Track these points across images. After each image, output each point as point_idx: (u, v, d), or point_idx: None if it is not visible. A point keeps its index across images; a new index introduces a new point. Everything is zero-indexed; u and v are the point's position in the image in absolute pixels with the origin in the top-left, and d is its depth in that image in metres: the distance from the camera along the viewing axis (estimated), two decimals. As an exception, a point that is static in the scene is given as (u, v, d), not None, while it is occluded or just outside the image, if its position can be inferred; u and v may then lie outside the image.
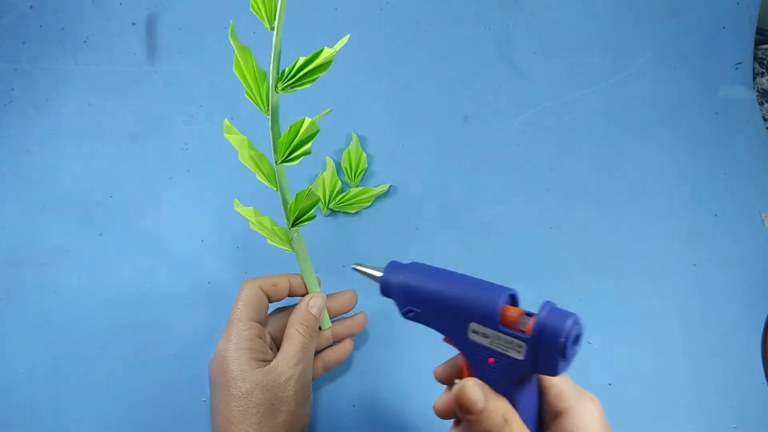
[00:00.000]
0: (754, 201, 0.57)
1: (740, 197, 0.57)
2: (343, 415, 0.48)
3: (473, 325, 0.32)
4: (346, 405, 0.49)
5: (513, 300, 0.33)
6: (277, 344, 0.46)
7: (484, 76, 0.61)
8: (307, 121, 0.40)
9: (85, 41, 0.61)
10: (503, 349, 0.32)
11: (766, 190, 0.57)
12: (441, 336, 0.34)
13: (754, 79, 0.63)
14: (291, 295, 0.47)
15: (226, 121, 0.42)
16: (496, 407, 0.32)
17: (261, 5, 0.38)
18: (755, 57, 0.63)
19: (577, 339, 0.30)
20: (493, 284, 0.33)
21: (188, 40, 0.61)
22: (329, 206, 0.55)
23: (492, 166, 0.58)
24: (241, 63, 0.39)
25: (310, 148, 0.41)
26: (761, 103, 0.62)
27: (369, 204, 0.55)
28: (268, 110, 0.40)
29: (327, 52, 0.39)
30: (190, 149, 0.58)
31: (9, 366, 0.50)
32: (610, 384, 0.49)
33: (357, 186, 0.56)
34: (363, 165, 0.56)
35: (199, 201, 0.56)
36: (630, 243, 0.55)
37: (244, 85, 0.40)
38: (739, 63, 0.62)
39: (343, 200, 0.55)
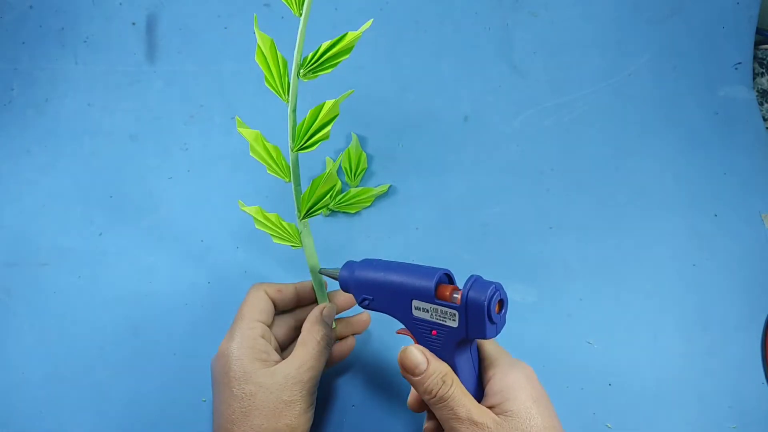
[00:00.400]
0: (754, 201, 0.57)
1: (740, 197, 0.57)
2: (343, 415, 0.48)
3: (415, 302, 0.38)
4: (346, 405, 0.49)
5: (449, 279, 0.38)
6: (282, 347, 0.46)
7: (484, 76, 0.61)
8: (329, 103, 0.40)
9: (85, 41, 0.61)
10: (441, 320, 0.37)
11: (766, 190, 0.57)
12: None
13: (754, 79, 0.63)
14: (298, 304, 0.46)
15: (237, 117, 0.42)
16: (436, 369, 0.37)
17: None
18: (755, 57, 0.63)
19: (501, 304, 0.36)
20: (430, 267, 0.38)
21: (188, 40, 0.61)
22: (329, 206, 0.55)
23: (492, 166, 0.58)
24: (264, 51, 0.40)
25: (329, 132, 0.41)
26: (761, 103, 0.62)
27: (369, 204, 0.55)
28: (288, 97, 0.41)
29: (351, 36, 0.39)
30: (190, 149, 0.58)
31: (9, 366, 0.50)
32: (610, 384, 0.49)
33: (357, 186, 0.57)
34: (363, 165, 0.56)
35: (199, 201, 0.56)
36: (630, 243, 0.55)
37: (265, 73, 0.40)
38: (739, 63, 0.62)
39: (343, 200, 0.55)
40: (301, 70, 0.40)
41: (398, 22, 0.62)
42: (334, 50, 0.40)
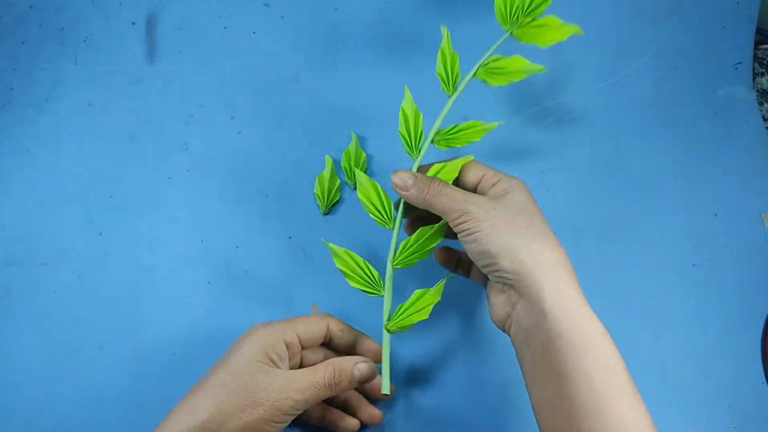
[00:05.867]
0: (754, 201, 0.57)
1: (740, 197, 0.57)
2: (343, 415, 0.48)
3: None
4: (346, 405, 0.49)
5: None
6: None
7: (484, 76, 0.61)
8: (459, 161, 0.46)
9: (85, 41, 0.61)
10: None
11: (766, 190, 0.57)
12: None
13: (754, 79, 0.63)
14: (329, 340, 0.45)
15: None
16: (423, 179, 0.42)
17: (447, 73, 0.49)
18: (755, 57, 0.63)
19: None
20: None
21: (188, 40, 0.61)
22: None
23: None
24: (408, 110, 0.48)
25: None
26: (761, 103, 0.62)
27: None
28: (417, 155, 0.47)
29: (481, 128, 0.47)
30: (190, 149, 0.58)
31: (8, 366, 0.50)
32: (610, 384, 0.49)
33: (355, 186, 0.56)
34: (363, 165, 0.56)
35: (199, 201, 0.56)
36: (630, 243, 0.55)
37: (404, 142, 0.47)
38: (739, 63, 0.62)
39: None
40: (437, 137, 0.47)
41: (398, 22, 0.62)
42: (465, 131, 0.48)
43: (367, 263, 0.46)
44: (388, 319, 0.45)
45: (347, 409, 0.46)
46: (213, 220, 0.55)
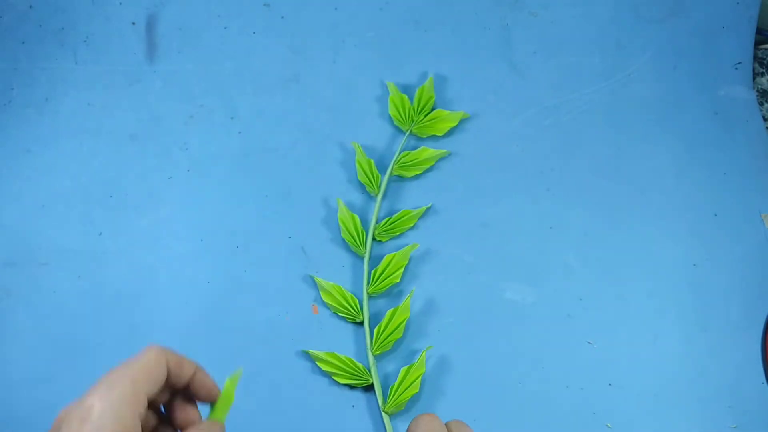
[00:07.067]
0: (754, 201, 0.57)
1: (740, 197, 0.57)
2: (342, 415, 0.48)
3: None
4: (346, 405, 0.49)
5: None
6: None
7: (484, 76, 0.61)
8: (397, 255, 0.52)
9: (85, 41, 0.61)
10: None
11: (766, 190, 0.57)
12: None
13: (754, 79, 0.63)
14: (192, 389, 0.35)
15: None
16: None
17: (368, 177, 0.55)
18: (755, 57, 0.64)
19: None
20: None
21: (188, 39, 0.61)
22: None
23: (492, 166, 0.58)
24: (345, 219, 0.53)
25: (400, 275, 0.52)
26: (761, 103, 0.62)
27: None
28: (364, 250, 0.53)
29: (413, 215, 0.54)
30: (190, 149, 0.58)
31: (8, 366, 0.50)
32: (610, 384, 0.49)
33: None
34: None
35: (199, 201, 0.56)
36: (630, 243, 0.55)
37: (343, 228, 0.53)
38: (739, 63, 0.62)
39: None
40: (377, 231, 0.53)
41: (398, 22, 0.62)
42: (398, 223, 0.54)
43: (351, 359, 0.48)
44: (384, 402, 0.47)
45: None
46: (213, 220, 0.55)
